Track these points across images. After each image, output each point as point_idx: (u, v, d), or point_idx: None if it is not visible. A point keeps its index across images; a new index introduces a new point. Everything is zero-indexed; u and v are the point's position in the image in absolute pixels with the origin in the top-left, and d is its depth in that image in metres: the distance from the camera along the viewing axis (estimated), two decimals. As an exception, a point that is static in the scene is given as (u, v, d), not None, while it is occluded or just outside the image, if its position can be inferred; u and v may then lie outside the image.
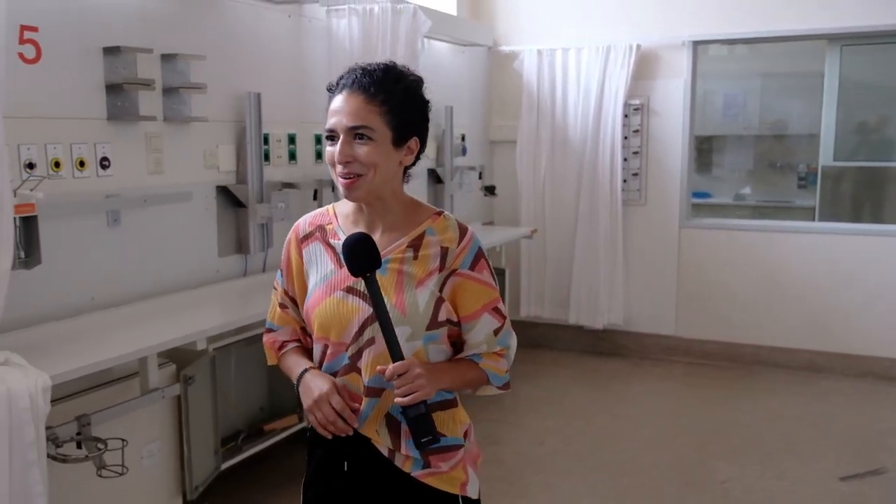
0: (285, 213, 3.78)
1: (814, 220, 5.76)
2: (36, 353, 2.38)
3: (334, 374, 1.64)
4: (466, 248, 1.62)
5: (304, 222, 1.73)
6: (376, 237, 1.62)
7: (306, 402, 1.63)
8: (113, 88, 3.05)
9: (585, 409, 4.87)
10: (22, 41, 2.65)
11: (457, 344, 1.68)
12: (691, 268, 5.72)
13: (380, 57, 3.86)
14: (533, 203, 5.93)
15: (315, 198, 4.06)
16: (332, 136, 1.57)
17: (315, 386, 1.62)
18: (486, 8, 6.01)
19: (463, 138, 5.70)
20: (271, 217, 3.77)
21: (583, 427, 4.56)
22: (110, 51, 3.03)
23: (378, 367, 1.57)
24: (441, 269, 1.61)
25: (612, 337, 5.95)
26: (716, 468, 3.96)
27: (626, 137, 5.69)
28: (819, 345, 5.40)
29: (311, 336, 1.70)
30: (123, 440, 2.63)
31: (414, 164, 1.66)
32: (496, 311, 1.65)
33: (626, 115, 5.65)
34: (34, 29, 2.73)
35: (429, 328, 1.60)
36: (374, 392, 1.60)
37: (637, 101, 5.67)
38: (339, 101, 1.56)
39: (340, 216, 1.70)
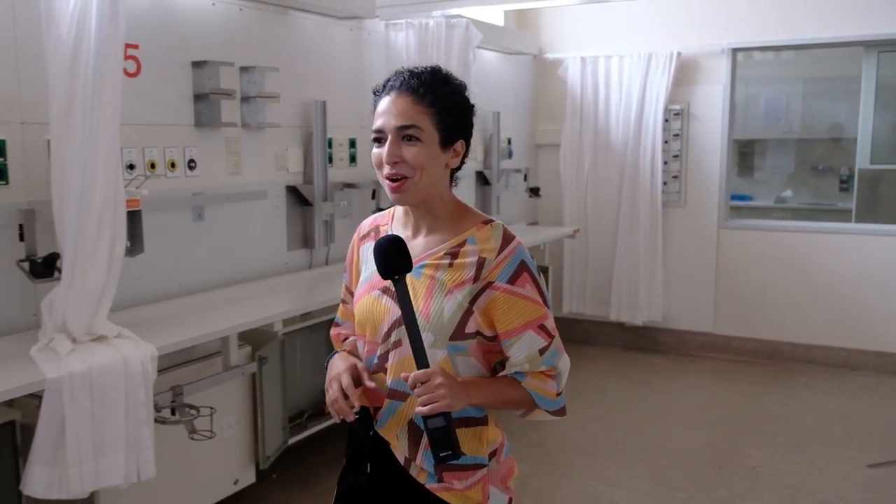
0: (346, 211, 4.12)
1: (851, 221, 5.90)
2: (137, 331, 2.73)
3: (373, 373, 1.63)
4: (506, 260, 1.56)
5: (367, 222, 1.76)
6: (419, 240, 1.62)
7: (326, 380, 1.65)
8: (199, 98, 3.41)
9: (625, 400, 5.12)
10: (126, 58, 3.01)
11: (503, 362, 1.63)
12: (729, 267, 5.93)
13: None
14: (576, 204, 6.19)
15: (373, 197, 4.40)
16: (379, 139, 1.57)
17: (334, 366, 1.65)
18: (532, 18, 6.29)
19: (509, 142, 5.99)
20: (334, 214, 4.11)
21: (622, 415, 4.82)
22: (198, 64, 3.40)
23: (402, 374, 1.55)
24: (476, 279, 1.55)
25: (651, 333, 6.19)
26: (748, 454, 4.19)
27: (666, 141, 5.92)
28: (854, 342, 5.57)
29: None
30: (212, 408, 2.98)
31: (460, 167, 1.64)
32: (542, 328, 1.57)
33: (666, 120, 5.88)
34: (135, 46, 3.11)
35: (453, 338, 1.56)
36: (397, 395, 1.58)
37: (677, 107, 5.90)
38: (386, 102, 1.56)
39: (396, 219, 1.71)
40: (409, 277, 1.55)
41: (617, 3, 5.67)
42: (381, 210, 4.38)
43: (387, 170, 1.54)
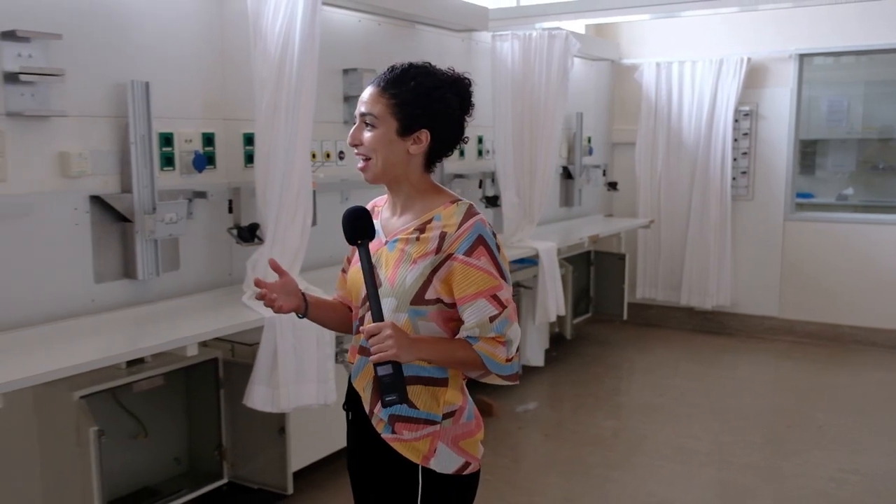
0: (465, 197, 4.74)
1: (909, 214, 6.33)
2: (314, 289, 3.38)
3: (354, 333, 1.84)
4: (465, 234, 1.68)
5: (371, 202, 1.91)
6: (396, 219, 1.78)
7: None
8: (347, 100, 4.07)
9: (697, 374, 5.66)
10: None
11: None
12: (794, 256, 6.40)
13: (536, 74, 4.83)
14: (649, 197, 6.73)
15: (480, 186, 5.02)
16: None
17: None
18: (610, 26, 6.85)
19: (589, 140, 6.56)
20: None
21: (696, 385, 5.36)
22: (347, 71, 4.06)
23: (361, 329, 1.72)
24: (437, 251, 1.69)
25: (719, 318, 6.69)
26: (814, 416, 4.70)
27: (735, 140, 6.43)
28: (913, 325, 6.02)
29: None
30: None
31: (436, 156, 1.75)
32: (494, 298, 1.68)
33: (736, 120, 6.38)
34: (305, 57, 3.77)
35: (413, 303, 1.70)
36: (365, 352, 1.71)
37: (746, 108, 6.40)
38: (363, 93, 1.76)
39: (385, 201, 1.86)
40: (384, 249, 1.76)
41: (691, 12, 6.19)
42: (487, 198, 5.03)
43: (355, 151, 1.75)
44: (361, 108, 1.73)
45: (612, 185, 6.72)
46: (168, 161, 3.24)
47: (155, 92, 3.06)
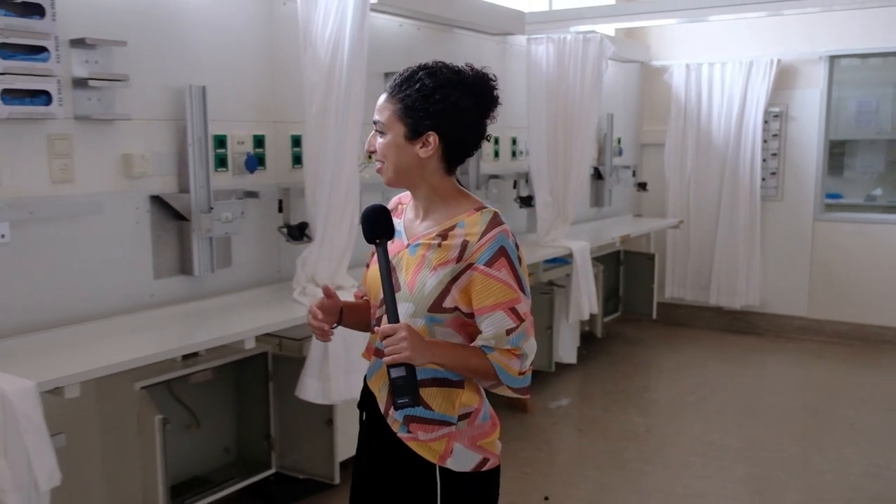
0: (496, 197, 4.85)
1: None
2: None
3: (372, 332, 1.84)
4: (486, 244, 1.66)
5: (395, 198, 1.90)
6: (420, 222, 1.77)
7: None
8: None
9: (727, 373, 5.72)
10: (345, 71, 3.80)
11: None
12: (823, 256, 6.44)
13: (570, 77, 4.93)
14: (679, 197, 6.79)
15: (514, 186, 5.12)
16: None
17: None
18: (640, 28, 6.91)
19: (619, 141, 6.64)
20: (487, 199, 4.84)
21: (727, 383, 5.43)
22: (388, 75, 4.18)
23: (375, 328, 1.74)
24: (458, 260, 1.67)
25: (748, 317, 6.74)
26: (845, 414, 4.76)
27: (765, 141, 6.48)
28: (943, 326, 6.04)
29: None
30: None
31: (455, 159, 1.73)
32: (513, 311, 1.66)
33: (765, 122, 6.43)
34: (350, 62, 3.89)
35: (431, 310, 1.69)
36: (381, 353, 1.69)
37: (776, 109, 6.45)
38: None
39: (409, 201, 1.84)
40: (405, 252, 1.74)
41: (718, 16, 6.25)
42: (521, 198, 5.13)
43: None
44: (374, 115, 1.73)
45: (642, 186, 6.79)
46: (221, 162, 3.37)
47: (209, 96, 3.19)
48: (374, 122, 1.73)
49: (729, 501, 3.70)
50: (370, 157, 1.78)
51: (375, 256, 1.76)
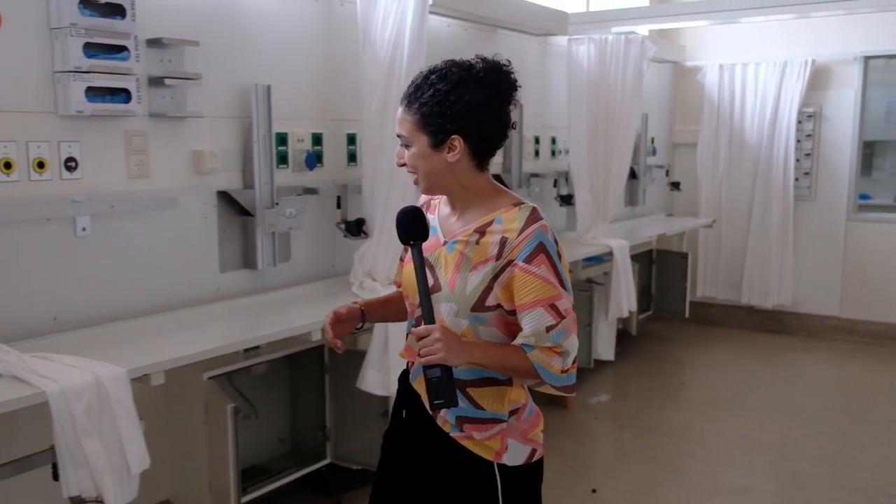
0: (538, 195, 4.92)
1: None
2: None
3: (411, 332, 1.78)
4: (525, 241, 1.65)
5: (424, 196, 1.87)
6: (456, 219, 1.76)
7: None
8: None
9: (760, 372, 5.76)
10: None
11: None
12: (856, 256, 6.47)
13: (611, 77, 4.99)
14: (711, 197, 6.83)
15: (555, 185, 5.18)
16: None
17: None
18: (674, 29, 6.96)
19: (652, 141, 6.69)
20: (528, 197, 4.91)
21: (761, 382, 5.48)
22: (437, 74, 4.25)
23: (412, 329, 1.72)
24: (498, 257, 1.66)
25: (779, 317, 6.78)
26: (883, 413, 4.80)
27: (798, 141, 6.51)
28: (977, 326, 6.06)
29: None
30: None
31: (484, 154, 1.71)
32: (552, 307, 1.64)
33: (799, 122, 6.47)
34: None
35: (474, 309, 1.68)
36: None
37: (810, 109, 6.48)
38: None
39: (442, 198, 1.82)
40: (442, 250, 1.73)
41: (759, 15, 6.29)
42: (562, 197, 5.20)
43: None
44: (396, 130, 1.72)
45: (675, 185, 6.84)
46: (283, 159, 3.46)
47: (272, 94, 3.28)
48: (398, 136, 1.72)
49: (773, 497, 3.75)
50: (403, 167, 1.75)
51: (408, 256, 1.76)
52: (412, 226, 1.70)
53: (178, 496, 3.26)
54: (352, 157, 3.78)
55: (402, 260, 1.92)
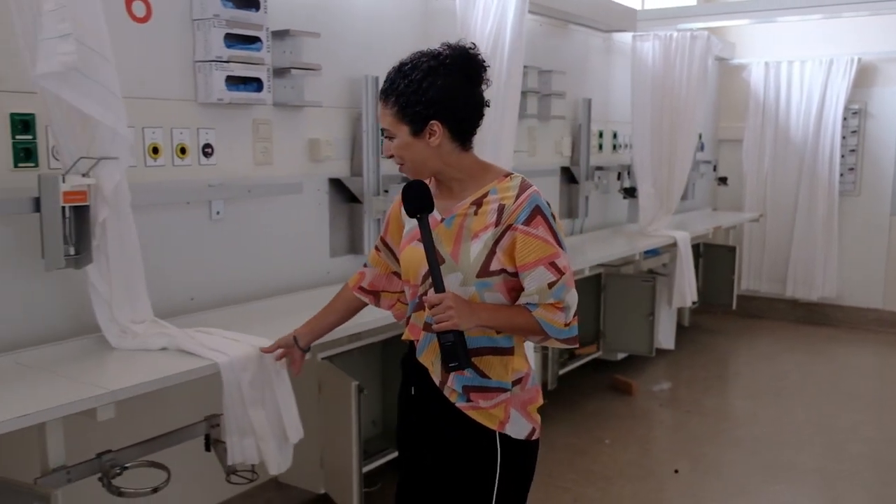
0: (602, 186, 5.04)
1: None
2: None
3: (415, 311, 1.87)
4: (522, 205, 1.73)
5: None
6: (450, 200, 1.81)
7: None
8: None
9: (811, 362, 5.89)
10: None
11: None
12: (900, 250, 6.60)
13: (677, 74, 5.10)
14: (756, 192, 6.95)
15: (618, 178, 5.31)
16: None
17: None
18: (719, 27, 7.07)
19: (700, 137, 6.80)
20: (590, 190, 5.04)
21: (814, 370, 5.60)
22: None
23: (423, 299, 1.79)
24: (497, 223, 1.74)
25: (823, 309, 6.89)
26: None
27: (843, 137, 6.63)
28: None
29: (400, 278, 1.98)
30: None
31: (465, 133, 1.77)
32: (552, 265, 1.73)
33: (844, 119, 6.59)
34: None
35: (479, 276, 1.75)
36: (431, 328, 1.75)
37: (855, 106, 6.60)
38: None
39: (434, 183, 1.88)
40: (441, 227, 1.79)
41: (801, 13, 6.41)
42: (626, 189, 5.32)
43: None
44: (380, 124, 1.83)
45: (723, 180, 6.96)
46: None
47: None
48: (382, 131, 1.82)
49: (850, 476, 3.87)
50: (391, 158, 1.83)
51: (409, 236, 1.86)
52: (419, 198, 1.74)
53: (287, 473, 3.37)
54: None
55: (376, 249, 2.05)
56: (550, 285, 1.73)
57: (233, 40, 2.79)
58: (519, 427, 1.83)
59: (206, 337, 2.37)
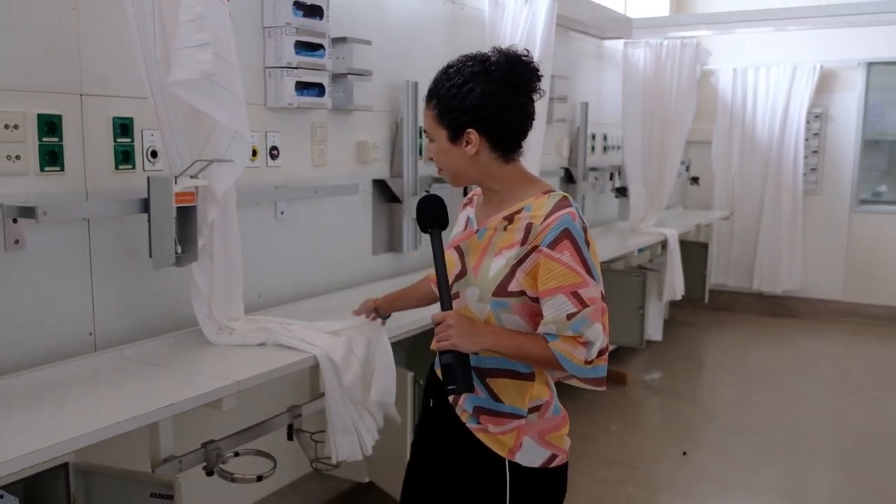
0: (598, 186, 5.29)
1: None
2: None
3: None
4: (550, 226, 1.62)
5: (471, 190, 1.88)
6: (488, 209, 1.75)
7: None
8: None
9: (783, 350, 6.27)
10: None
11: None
12: (858, 244, 7.05)
13: (667, 80, 5.38)
14: (724, 191, 7.34)
15: (611, 178, 5.56)
16: None
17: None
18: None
19: (673, 138, 7.13)
20: (587, 190, 5.28)
21: (783, 358, 5.98)
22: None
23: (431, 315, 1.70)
24: (523, 242, 1.64)
25: (786, 302, 7.32)
26: (909, 384, 5.34)
27: (806, 139, 7.05)
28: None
29: None
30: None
31: (506, 147, 1.68)
32: (575, 295, 1.60)
33: (807, 122, 7.01)
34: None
35: (496, 294, 1.66)
36: None
37: (817, 110, 7.03)
38: None
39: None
40: (474, 238, 1.74)
41: (761, 17, 6.77)
42: (618, 189, 5.57)
43: None
44: (423, 125, 1.77)
45: (695, 180, 7.30)
46: (420, 151, 3.73)
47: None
48: (424, 131, 1.77)
49: (845, 453, 4.22)
50: (431, 161, 1.80)
51: (456, 240, 1.79)
52: (430, 214, 1.72)
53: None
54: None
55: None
56: (569, 316, 1.60)
57: (300, 47, 2.90)
58: (533, 455, 1.73)
59: (301, 331, 2.48)
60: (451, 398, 1.75)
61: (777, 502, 3.68)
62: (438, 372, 1.79)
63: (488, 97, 1.63)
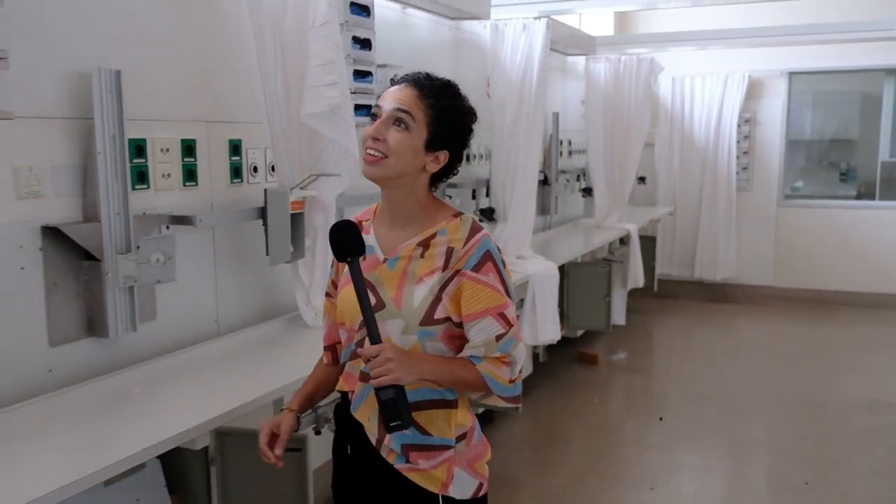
0: (571, 187, 5.89)
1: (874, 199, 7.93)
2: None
3: (350, 359, 1.71)
4: (472, 249, 1.62)
5: (355, 216, 1.76)
6: (395, 233, 1.68)
7: None
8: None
9: (720, 332, 7.05)
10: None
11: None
12: (786, 235, 7.93)
13: (626, 91, 6.05)
14: (667, 189, 8.10)
15: (578, 179, 6.19)
16: (375, 115, 1.63)
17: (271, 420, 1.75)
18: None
19: (621, 142, 7.83)
20: (560, 190, 5.88)
21: (727, 338, 6.77)
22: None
23: (359, 351, 1.60)
24: (445, 268, 1.62)
25: (724, 289, 8.13)
26: (836, 357, 6.15)
27: (738, 141, 7.87)
28: (882, 288, 7.64)
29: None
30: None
31: (443, 177, 1.69)
32: (501, 316, 1.62)
33: (738, 125, 7.83)
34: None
35: (423, 324, 1.61)
36: (367, 377, 1.58)
37: (747, 115, 7.86)
38: (394, 89, 1.64)
39: (377, 214, 1.75)
40: (383, 268, 1.66)
41: (701, 37, 7.54)
42: (584, 189, 6.22)
43: (369, 143, 1.60)
44: (396, 104, 1.61)
45: (642, 179, 7.99)
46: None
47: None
48: (399, 111, 1.60)
49: (786, 413, 4.94)
50: (374, 143, 1.62)
51: (345, 279, 1.69)
52: (346, 241, 1.61)
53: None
54: (467, 158, 4.60)
55: (328, 295, 1.84)
56: (498, 338, 1.62)
57: (355, 75, 3.38)
58: (464, 487, 1.71)
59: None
60: (374, 440, 1.67)
61: (743, 453, 4.36)
62: (357, 415, 1.70)
63: (468, 135, 1.70)
